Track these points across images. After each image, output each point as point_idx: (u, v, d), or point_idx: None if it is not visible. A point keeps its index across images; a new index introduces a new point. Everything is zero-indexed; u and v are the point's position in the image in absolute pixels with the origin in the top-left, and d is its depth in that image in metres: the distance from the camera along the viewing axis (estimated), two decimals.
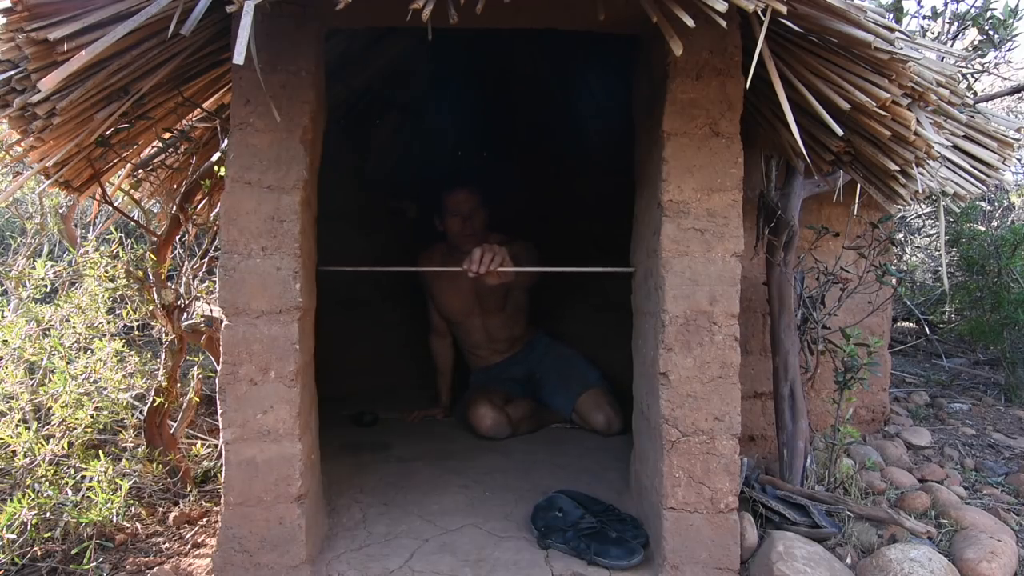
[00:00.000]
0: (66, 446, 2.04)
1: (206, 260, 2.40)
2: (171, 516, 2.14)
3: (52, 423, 2.05)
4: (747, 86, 1.42)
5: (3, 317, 2.29)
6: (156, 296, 2.21)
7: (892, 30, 1.39)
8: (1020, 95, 5.62)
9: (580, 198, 3.80)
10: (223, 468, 1.67)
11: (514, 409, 3.02)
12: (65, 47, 1.32)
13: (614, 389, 3.08)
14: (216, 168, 2.12)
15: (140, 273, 2.25)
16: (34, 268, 2.35)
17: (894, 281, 2.43)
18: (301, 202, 1.67)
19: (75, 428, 2.04)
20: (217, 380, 1.68)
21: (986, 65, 3.68)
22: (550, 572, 1.76)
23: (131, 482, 2.09)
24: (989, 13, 3.41)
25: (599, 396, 3.04)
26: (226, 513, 1.67)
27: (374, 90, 3.41)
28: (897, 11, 3.45)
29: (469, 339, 3.31)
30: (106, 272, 2.25)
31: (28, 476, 1.98)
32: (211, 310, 2.34)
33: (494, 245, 2.41)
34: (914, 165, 1.64)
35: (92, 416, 2.07)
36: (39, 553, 1.89)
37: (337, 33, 2.18)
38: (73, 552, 1.90)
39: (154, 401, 2.25)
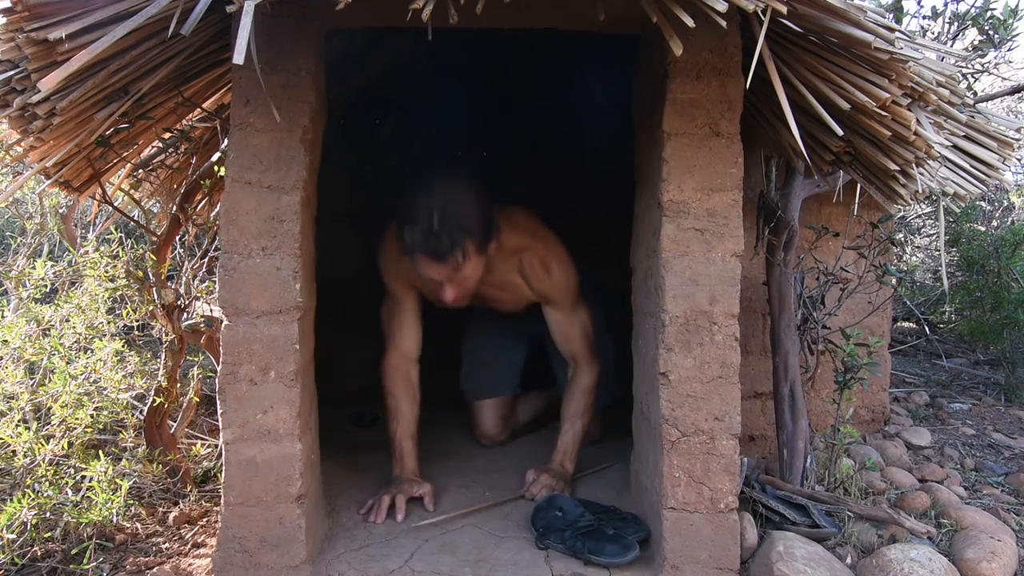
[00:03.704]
0: (66, 446, 2.04)
1: (206, 260, 2.40)
2: (171, 516, 2.14)
3: (52, 423, 2.05)
4: (747, 86, 1.42)
5: (3, 317, 2.29)
6: (156, 296, 2.21)
7: (892, 30, 1.39)
8: (1020, 95, 5.62)
9: (580, 198, 3.79)
10: (223, 468, 1.67)
11: (521, 410, 2.96)
12: (65, 47, 1.32)
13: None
14: (216, 168, 2.12)
15: (140, 273, 2.25)
16: (34, 268, 2.35)
17: (894, 281, 2.43)
18: (301, 202, 1.67)
19: (75, 428, 2.04)
20: (217, 380, 1.68)
21: (986, 65, 3.67)
22: (550, 572, 1.76)
23: (131, 482, 2.09)
24: (989, 13, 3.41)
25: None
26: (226, 513, 1.67)
27: (374, 90, 3.41)
28: (897, 11, 3.45)
29: (477, 323, 3.00)
30: (106, 272, 2.25)
31: (28, 476, 1.97)
32: (211, 310, 2.34)
33: (552, 475, 2.21)
34: (914, 165, 1.64)
35: (92, 416, 2.07)
36: (39, 553, 1.89)
37: (337, 33, 2.18)
38: (73, 552, 1.90)
39: (154, 401, 2.25)
